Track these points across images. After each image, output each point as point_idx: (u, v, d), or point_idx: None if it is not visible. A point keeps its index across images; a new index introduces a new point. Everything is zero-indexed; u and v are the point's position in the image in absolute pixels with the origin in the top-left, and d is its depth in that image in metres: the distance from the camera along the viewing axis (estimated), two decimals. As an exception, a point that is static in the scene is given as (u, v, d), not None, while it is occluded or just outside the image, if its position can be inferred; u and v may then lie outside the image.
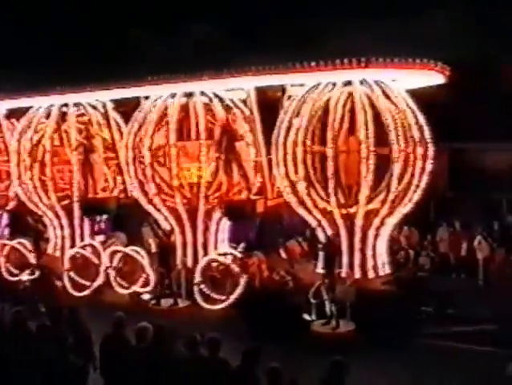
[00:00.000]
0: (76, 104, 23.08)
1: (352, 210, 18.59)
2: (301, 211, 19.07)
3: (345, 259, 18.75)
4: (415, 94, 19.29)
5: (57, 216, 23.55)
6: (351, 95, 18.52)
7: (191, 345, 10.18)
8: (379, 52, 17.32)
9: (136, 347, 10.74)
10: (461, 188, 30.08)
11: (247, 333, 16.85)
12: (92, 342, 12.20)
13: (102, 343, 11.49)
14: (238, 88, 20.33)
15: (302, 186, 18.76)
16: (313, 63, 18.02)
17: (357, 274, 18.74)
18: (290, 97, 19.59)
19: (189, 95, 20.89)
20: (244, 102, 20.45)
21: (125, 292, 21.28)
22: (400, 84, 19.13)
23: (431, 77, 19.12)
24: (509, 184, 27.81)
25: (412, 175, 18.69)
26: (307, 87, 19.08)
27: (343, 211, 18.62)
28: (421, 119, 18.90)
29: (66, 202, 23.39)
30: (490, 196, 27.87)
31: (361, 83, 18.38)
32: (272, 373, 9.22)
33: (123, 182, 22.38)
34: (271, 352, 10.39)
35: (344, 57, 17.45)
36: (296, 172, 18.79)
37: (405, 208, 19.14)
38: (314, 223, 19.08)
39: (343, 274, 18.43)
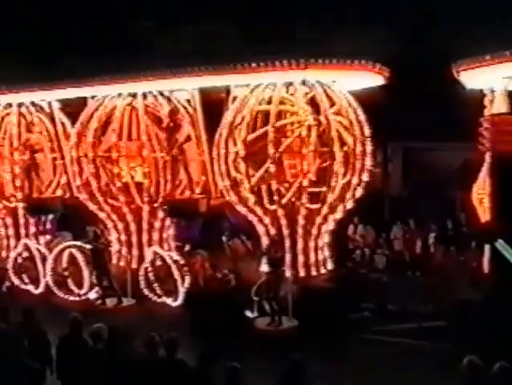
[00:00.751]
0: (20, 104, 23.09)
1: (294, 208, 18.91)
2: (243, 210, 19.31)
3: (288, 257, 19.04)
4: (362, 95, 19.63)
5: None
6: (292, 95, 18.83)
7: (150, 345, 10.19)
8: (320, 53, 17.57)
9: (93, 348, 10.63)
10: (415, 187, 30.52)
11: (192, 330, 16.99)
12: (49, 344, 11.97)
13: (59, 345, 11.28)
14: (182, 88, 20.47)
15: (245, 185, 19.02)
16: (254, 64, 18.25)
17: (300, 272, 19.04)
18: (234, 98, 19.79)
19: (135, 95, 21.00)
20: (188, 102, 20.59)
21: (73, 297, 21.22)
22: (342, 85, 19.43)
23: (371, 78, 19.37)
24: (461, 183, 28.27)
25: (353, 172, 19.04)
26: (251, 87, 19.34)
27: (285, 209, 18.93)
28: (362, 118, 19.25)
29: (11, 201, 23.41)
30: (443, 194, 28.26)
31: (302, 83, 18.67)
32: (231, 372, 9.29)
33: (69, 182, 22.37)
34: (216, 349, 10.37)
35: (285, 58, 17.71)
36: (237, 171, 19.04)
37: (347, 205, 19.48)
38: (256, 221, 19.34)
39: (286, 272, 18.70)
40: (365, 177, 19.46)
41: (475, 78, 16.93)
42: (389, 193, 31.51)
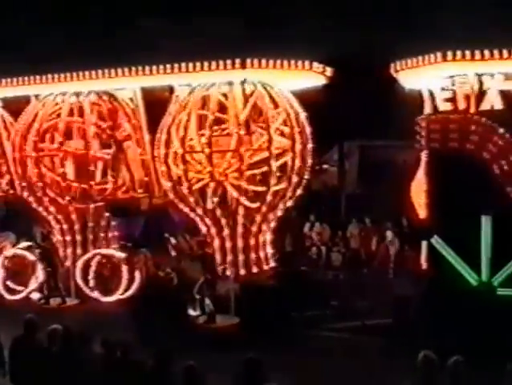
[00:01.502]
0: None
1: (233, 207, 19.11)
2: (185, 209, 19.43)
3: (229, 256, 19.19)
4: (309, 95, 19.79)
5: None
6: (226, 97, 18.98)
7: (107, 346, 10.17)
8: (260, 53, 17.70)
9: (48, 350, 10.42)
10: (371, 184, 30.77)
11: (135, 329, 17.03)
12: (1, 346, 11.64)
13: (12, 347, 10.97)
14: (124, 87, 20.49)
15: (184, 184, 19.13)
16: (192, 64, 18.32)
17: (241, 270, 19.21)
18: (177, 97, 19.85)
19: (79, 94, 20.93)
20: (131, 100, 20.60)
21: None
22: (283, 85, 19.56)
23: (312, 78, 19.47)
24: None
25: (292, 170, 19.26)
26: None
27: (224, 209, 19.11)
28: (303, 118, 19.44)
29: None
30: (399, 191, 28.54)
31: (242, 83, 18.80)
32: (188, 371, 9.12)
33: (12, 181, 22.23)
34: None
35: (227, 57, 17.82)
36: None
37: (288, 203, 19.68)
38: (198, 221, 19.48)
39: (227, 271, 18.87)
40: (306, 176, 19.62)
41: (412, 77, 17.20)
42: (346, 191, 31.76)
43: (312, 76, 19.17)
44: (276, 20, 18.78)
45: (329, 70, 19.21)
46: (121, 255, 20.21)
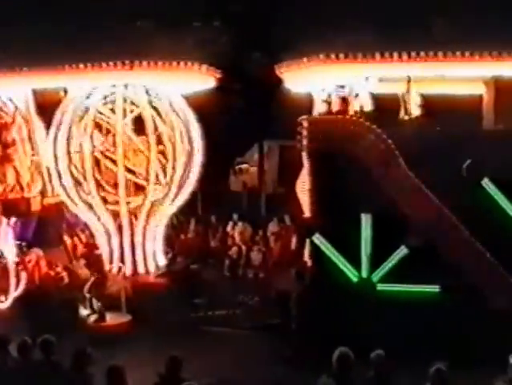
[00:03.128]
0: None
1: (119, 207, 19.37)
2: (74, 209, 19.58)
3: (117, 255, 19.40)
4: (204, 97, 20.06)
5: None
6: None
7: (22, 349, 9.88)
8: (146, 54, 17.87)
9: None
10: (290, 183, 31.11)
11: (29, 329, 17.03)
12: None
13: None
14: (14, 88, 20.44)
15: (69, 184, 19.31)
16: (81, 65, 18.32)
17: (130, 269, 19.45)
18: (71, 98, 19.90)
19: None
20: (23, 102, 20.57)
21: None
22: (173, 88, 19.84)
23: (202, 81, 19.81)
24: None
25: (173, 170, 19.69)
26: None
27: (111, 207, 19.32)
28: (191, 119, 19.72)
29: None
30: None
31: (126, 86, 19.02)
32: (112, 372, 9.01)
33: None
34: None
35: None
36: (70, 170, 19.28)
37: (177, 202, 19.98)
38: (86, 220, 19.63)
39: (116, 270, 19.09)
40: (193, 176, 19.91)
41: (298, 79, 17.70)
42: (266, 190, 31.99)
43: (202, 78, 19.43)
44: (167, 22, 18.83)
45: (219, 72, 19.48)
46: (11, 255, 20.13)
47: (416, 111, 17.71)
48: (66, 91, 20.08)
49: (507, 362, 9.35)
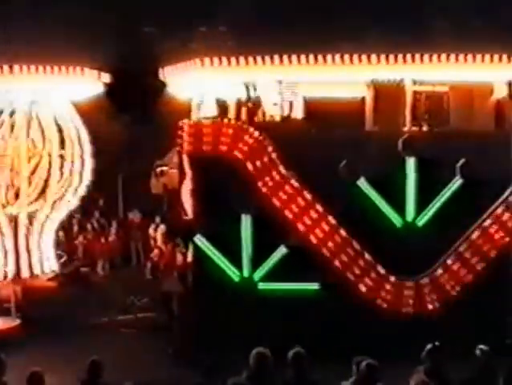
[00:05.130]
0: None
1: (15, 210, 19.33)
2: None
3: (11, 258, 19.38)
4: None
5: None
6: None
7: None
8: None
9: None
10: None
11: None
12: None
13: None
14: None
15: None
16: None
17: (24, 273, 19.47)
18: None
19: None
20: None
21: None
22: (61, 94, 19.85)
23: (91, 86, 19.76)
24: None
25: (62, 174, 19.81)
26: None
27: (7, 210, 19.33)
28: (77, 123, 19.81)
29: None
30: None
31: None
32: (32, 378, 8.87)
33: None
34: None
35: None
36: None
37: (67, 207, 20.10)
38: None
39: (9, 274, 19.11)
40: (86, 180, 20.07)
41: (178, 84, 18.00)
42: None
43: (88, 83, 19.45)
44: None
45: (105, 77, 19.56)
46: None
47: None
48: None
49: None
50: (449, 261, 16.56)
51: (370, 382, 8.60)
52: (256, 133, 16.63)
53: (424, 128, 18.04)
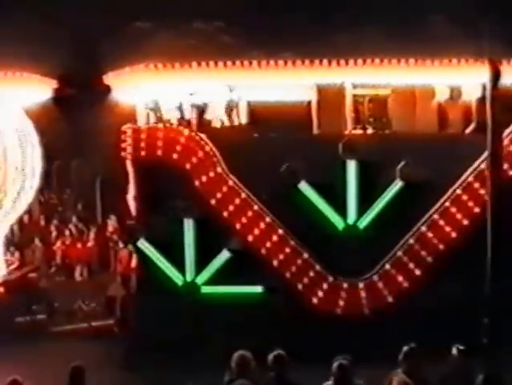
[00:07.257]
0: None
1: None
2: None
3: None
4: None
5: None
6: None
7: None
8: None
9: None
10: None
11: None
12: None
13: None
14: None
15: None
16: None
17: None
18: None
19: None
20: None
21: None
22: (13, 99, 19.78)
23: (40, 91, 19.75)
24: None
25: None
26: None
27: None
28: (29, 129, 19.84)
29: None
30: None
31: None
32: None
33: None
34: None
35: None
36: None
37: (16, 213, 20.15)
38: None
39: None
40: (35, 184, 20.07)
41: (122, 88, 18.09)
42: None
43: (35, 89, 19.43)
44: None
45: (53, 83, 19.56)
46: None
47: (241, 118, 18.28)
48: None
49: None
50: (387, 266, 16.68)
51: (345, 382, 8.55)
52: (198, 138, 16.75)
53: (369, 131, 18.24)
